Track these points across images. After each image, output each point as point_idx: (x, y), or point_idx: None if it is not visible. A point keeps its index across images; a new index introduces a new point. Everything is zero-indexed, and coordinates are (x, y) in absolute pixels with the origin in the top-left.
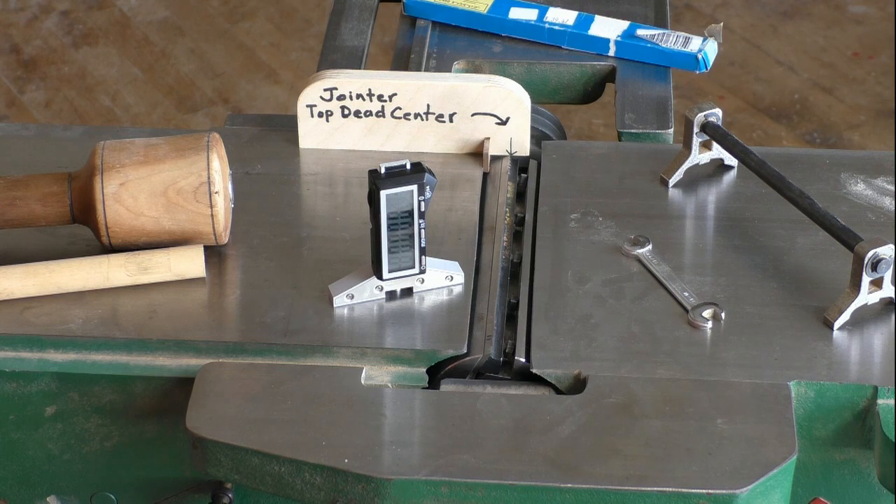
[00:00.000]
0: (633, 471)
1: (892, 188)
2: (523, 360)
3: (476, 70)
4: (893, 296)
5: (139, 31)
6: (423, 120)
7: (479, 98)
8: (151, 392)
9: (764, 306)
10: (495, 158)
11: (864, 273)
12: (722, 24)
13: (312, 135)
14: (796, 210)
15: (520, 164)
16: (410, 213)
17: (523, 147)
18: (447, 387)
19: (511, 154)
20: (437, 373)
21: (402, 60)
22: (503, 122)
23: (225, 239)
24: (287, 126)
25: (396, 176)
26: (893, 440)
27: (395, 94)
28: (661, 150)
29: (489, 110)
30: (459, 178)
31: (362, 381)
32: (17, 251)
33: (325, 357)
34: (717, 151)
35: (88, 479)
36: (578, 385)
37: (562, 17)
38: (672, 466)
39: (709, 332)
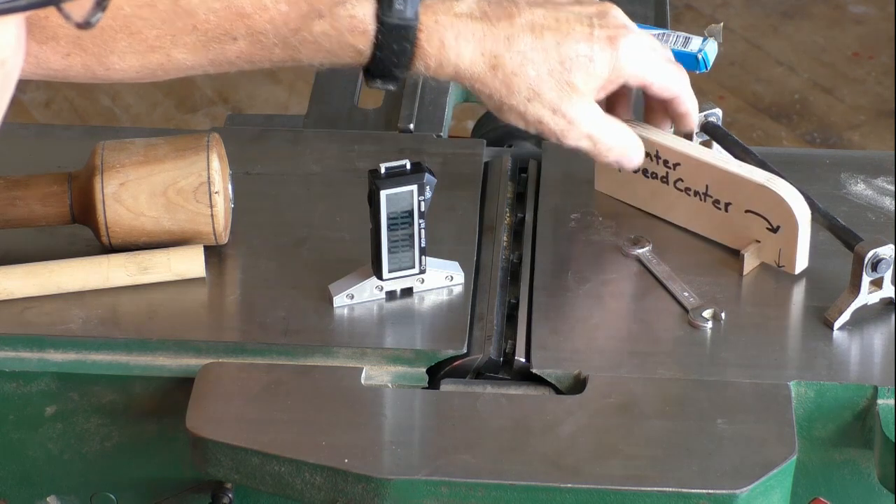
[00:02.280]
0: (633, 471)
1: (892, 188)
2: (523, 360)
3: None
4: (893, 296)
5: None
6: (701, 200)
7: (753, 195)
8: (151, 392)
9: (764, 306)
10: (496, 157)
11: (864, 273)
12: (722, 24)
13: (607, 181)
14: None
15: (520, 164)
16: (410, 213)
17: (791, 264)
18: (447, 387)
19: (778, 267)
20: (437, 373)
21: None
22: (773, 230)
23: (225, 239)
24: (287, 126)
25: (396, 176)
26: (893, 440)
27: (678, 164)
28: None
29: (762, 212)
30: (459, 178)
31: (362, 381)
32: (17, 251)
33: (325, 357)
34: (717, 151)
35: (88, 479)
36: (578, 385)
37: None
38: (672, 466)
39: (709, 332)
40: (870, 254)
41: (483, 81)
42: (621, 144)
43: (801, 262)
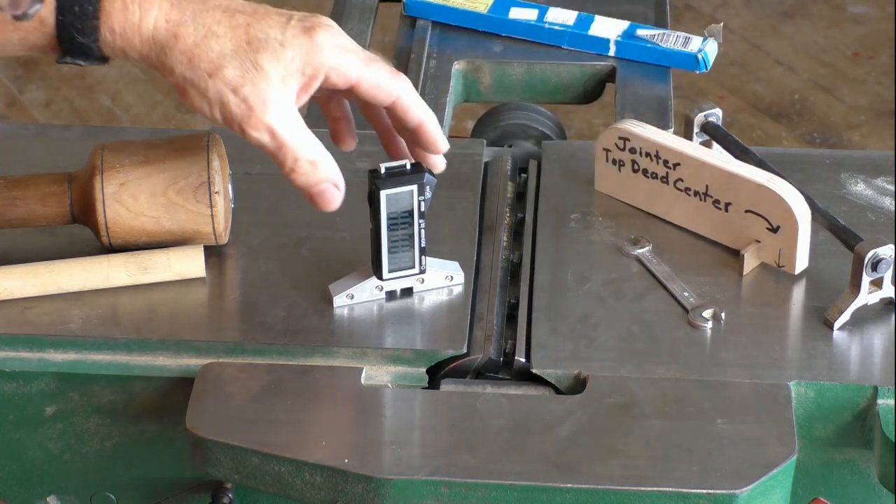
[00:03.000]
0: (633, 471)
1: (892, 188)
2: (523, 360)
3: (476, 70)
4: (893, 296)
5: None
6: (701, 200)
7: (753, 195)
8: (151, 392)
9: (764, 306)
10: (496, 157)
11: (864, 273)
12: (722, 24)
13: (606, 180)
14: None
15: (520, 164)
16: (410, 213)
17: (791, 264)
18: (447, 387)
19: (778, 267)
20: (437, 373)
21: (403, 61)
22: (773, 230)
23: (225, 239)
24: None
25: (396, 176)
26: (893, 440)
27: (678, 164)
28: None
29: (762, 212)
30: (459, 178)
31: (362, 381)
32: (17, 251)
33: (325, 357)
34: (717, 151)
35: (88, 479)
36: (578, 385)
37: (562, 17)
38: (672, 466)
39: (709, 332)
40: (870, 254)
41: (165, 52)
42: (312, 159)
43: (801, 262)
